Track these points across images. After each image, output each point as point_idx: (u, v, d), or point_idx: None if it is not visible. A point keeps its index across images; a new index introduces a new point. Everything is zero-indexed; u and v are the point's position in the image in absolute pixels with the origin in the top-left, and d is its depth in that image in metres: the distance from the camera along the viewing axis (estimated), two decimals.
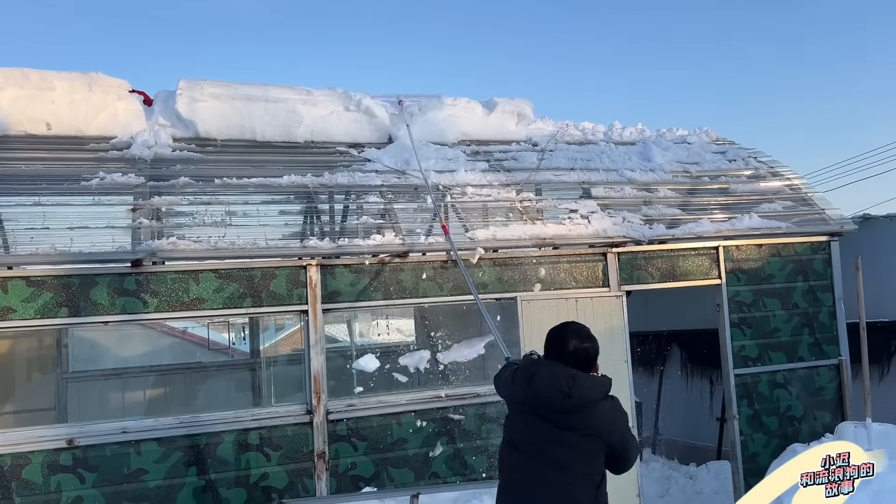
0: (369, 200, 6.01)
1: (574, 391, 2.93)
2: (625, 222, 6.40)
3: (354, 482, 5.33)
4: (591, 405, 2.96)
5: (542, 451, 3.01)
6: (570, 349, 3.02)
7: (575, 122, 8.12)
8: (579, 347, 3.03)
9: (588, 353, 3.05)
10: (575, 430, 2.96)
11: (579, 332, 3.09)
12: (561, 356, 3.02)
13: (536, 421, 3.02)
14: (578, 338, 3.06)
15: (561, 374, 2.97)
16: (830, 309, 7.00)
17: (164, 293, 5.09)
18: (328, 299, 5.45)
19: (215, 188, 5.70)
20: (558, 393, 2.94)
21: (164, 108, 6.41)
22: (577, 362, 3.01)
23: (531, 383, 3.04)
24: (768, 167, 7.71)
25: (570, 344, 3.03)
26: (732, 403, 6.59)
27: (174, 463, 4.94)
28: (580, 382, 2.95)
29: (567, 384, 2.93)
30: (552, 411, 2.97)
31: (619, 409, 3.07)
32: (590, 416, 2.96)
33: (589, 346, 3.06)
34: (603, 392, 3.01)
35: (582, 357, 3.03)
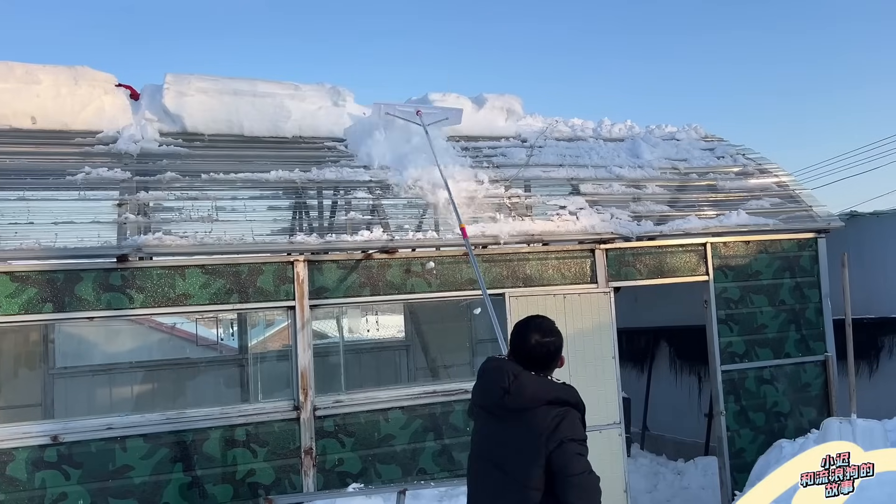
0: (357, 196, 6.00)
1: (513, 388, 2.86)
2: (613, 219, 6.41)
3: (342, 478, 5.32)
4: (533, 407, 2.82)
5: (487, 449, 2.97)
6: (531, 343, 2.95)
7: (564, 119, 8.11)
8: (541, 342, 2.96)
9: (549, 347, 2.97)
10: (515, 430, 2.86)
11: (541, 327, 3.01)
12: (522, 350, 2.96)
13: (487, 417, 2.99)
14: (540, 332, 2.99)
15: (505, 370, 2.93)
16: (817, 305, 7.03)
17: (150, 289, 5.06)
18: (315, 295, 5.44)
19: (202, 183, 5.67)
20: (499, 389, 2.89)
21: (150, 102, 6.37)
22: (539, 356, 2.95)
23: (481, 379, 3.04)
24: (756, 164, 7.74)
25: (532, 338, 2.96)
26: (719, 399, 6.62)
27: (160, 459, 4.92)
28: (521, 380, 2.87)
29: (507, 380, 2.88)
30: (497, 408, 2.92)
31: (568, 421, 2.81)
32: (530, 418, 2.82)
33: (550, 340, 2.98)
34: (550, 396, 2.85)
35: (543, 352, 2.95)
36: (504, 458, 2.86)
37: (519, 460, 2.81)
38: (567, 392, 2.91)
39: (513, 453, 2.84)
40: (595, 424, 6.03)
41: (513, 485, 2.82)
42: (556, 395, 2.87)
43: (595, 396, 6.11)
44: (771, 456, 6.13)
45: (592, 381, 6.12)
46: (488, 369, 3.03)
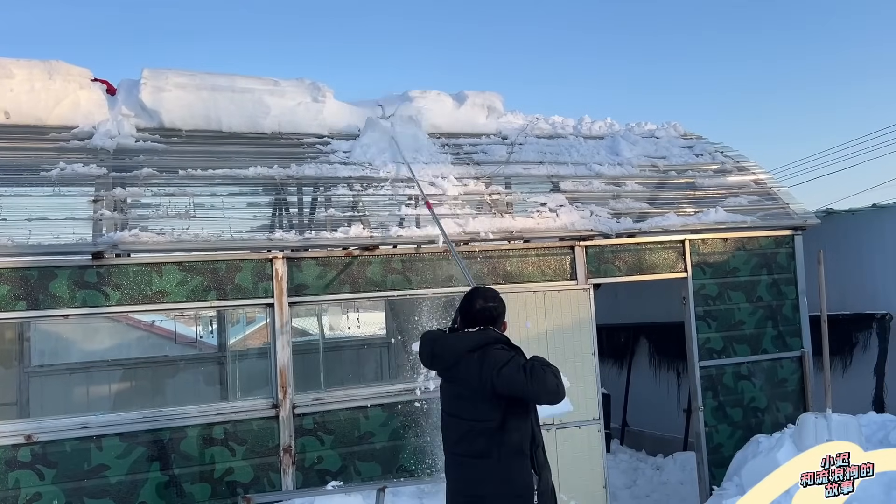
0: (337, 193, 5.96)
1: (436, 350, 3.40)
2: (593, 216, 6.43)
3: (321, 476, 5.30)
4: (460, 358, 3.28)
5: (446, 404, 3.45)
6: (476, 308, 3.39)
7: (545, 116, 8.13)
8: (484, 307, 3.38)
9: (492, 312, 3.39)
10: (456, 382, 3.32)
11: (485, 294, 3.46)
12: (469, 313, 3.40)
13: (442, 382, 3.49)
14: (484, 298, 3.42)
15: (429, 337, 3.49)
16: (793, 302, 7.11)
17: (127, 286, 5.01)
18: (295, 292, 5.41)
19: (180, 179, 5.61)
20: (427, 356, 3.46)
21: (127, 97, 6.29)
22: (483, 319, 3.38)
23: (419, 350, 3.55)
24: (734, 162, 7.80)
25: (477, 304, 3.39)
26: (698, 395, 6.68)
27: (136, 458, 4.87)
28: (442, 342, 3.41)
29: (431, 346, 3.44)
30: (438, 371, 3.46)
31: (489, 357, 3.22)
32: (463, 369, 3.27)
33: (493, 305, 3.41)
34: (469, 345, 3.28)
35: (487, 315, 3.38)
36: (459, 409, 3.33)
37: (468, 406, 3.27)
38: (482, 335, 3.33)
39: (464, 402, 3.29)
40: (575, 420, 6.08)
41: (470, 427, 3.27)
42: (474, 342, 3.29)
43: (575, 393, 6.12)
44: (748, 451, 6.19)
45: (572, 378, 6.08)
46: (421, 342, 3.55)
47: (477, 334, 3.33)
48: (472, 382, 3.22)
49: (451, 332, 3.43)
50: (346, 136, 6.71)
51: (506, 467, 3.22)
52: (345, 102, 6.95)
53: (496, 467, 3.22)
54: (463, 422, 3.30)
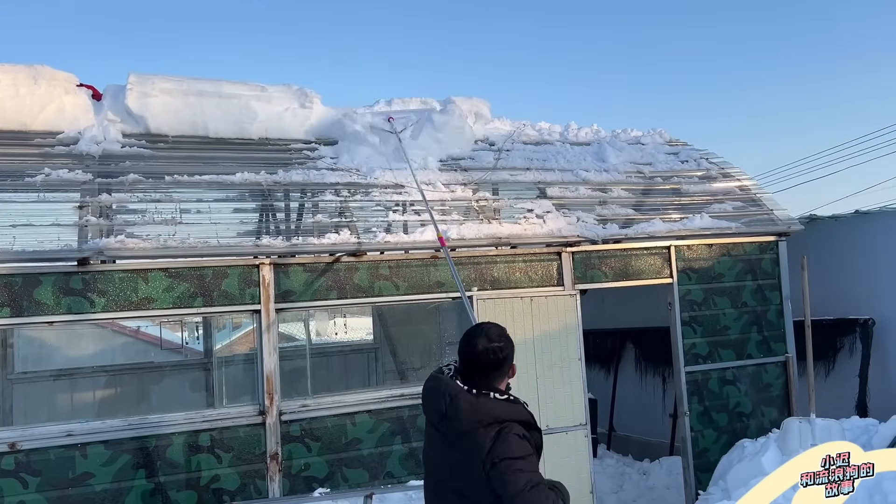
0: (325, 198, 5.97)
1: (449, 412, 2.67)
2: (579, 222, 6.47)
3: (308, 483, 5.28)
4: (470, 431, 2.65)
5: (436, 466, 2.84)
6: (479, 349, 2.76)
7: (532, 122, 8.17)
8: (488, 347, 2.76)
9: (497, 354, 2.78)
10: (457, 451, 2.70)
11: (489, 333, 2.83)
12: (470, 356, 2.78)
13: (434, 432, 2.82)
14: (488, 338, 2.79)
15: (443, 390, 2.73)
16: (778, 307, 7.17)
17: (112, 293, 4.98)
18: (281, 299, 5.40)
19: (166, 185, 5.60)
20: (436, 412, 2.73)
21: (113, 102, 6.26)
22: (487, 363, 2.76)
23: (424, 397, 2.86)
24: (719, 168, 7.87)
25: (479, 344, 2.77)
26: (683, 400, 6.72)
27: (122, 466, 4.83)
28: (458, 404, 2.67)
29: (444, 404, 2.69)
30: (442, 429, 2.76)
31: (501, 440, 2.62)
32: (469, 442, 2.65)
33: (499, 346, 2.79)
34: (489, 418, 2.65)
35: (491, 358, 2.77)
36: (450, 478, 2.74)
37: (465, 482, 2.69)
38: (507, 409, 2.71)
39: (458, 475, 2.70)
40: (561, 426, 6.10)
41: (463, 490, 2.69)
42: (496, 415, 2.67)
43: (561, 398, 6.17)
44: (733, 455, 6.22)
45: (559, 383, 6.18)
46: (428, 388, 2.84)
47: (498, 406, 2.70)
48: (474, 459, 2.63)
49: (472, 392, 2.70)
50: (334, 142, 6.71)
51: None
52: (332, 108, 6.95)
53: None
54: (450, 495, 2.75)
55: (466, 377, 2.77)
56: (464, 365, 2.81)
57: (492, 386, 2.75)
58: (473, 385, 2.73)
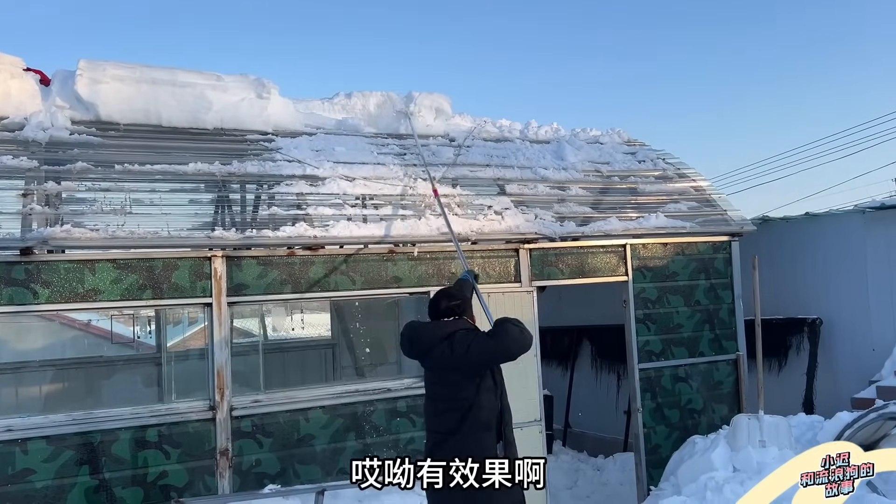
0: (281, 191, 5.87)
1: (414, 338, 3.84)
2: (537, 219, 6.49)
3: (259, 479, 5.20)
4: (434, 345, 3.69)
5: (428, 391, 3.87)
6: (441, 308, 3.86)
7: (492, 119, 8.18)
8: (448, 306, 3.85)
9: (455, 310, 3.85)
10: (433, 367, 3.77)
11: (448, 294, 3.97)
12: (435, 314, 3.86)
13: (424, 369, 3.93)
14: (447, 297, 3.90)
15: (409, 327, 3.94)
16: (730, 306, 7.30)
17: (57, 283, 4.83)
18: (234, 292, 5.30)
19: (116, 174, 5.45)
20: (406, 342, 3.89)
21: (62, 88, 6.07)
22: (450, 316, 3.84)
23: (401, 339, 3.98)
24: (675, 169, 7.98)
25: (441, 304, 3.86)
26: (637, 397, 6.80)
27: (64, 462, 4.69)
28: (418, 330, 3.87)
29: (408, 332, 3.89)
30: (417, 358, 3.91)
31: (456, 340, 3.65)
32: (436, 354, 3.68)
33: (456, 303, 3.87)
34: (444, 332, 3.71)
35: (451, 314, 3.83)
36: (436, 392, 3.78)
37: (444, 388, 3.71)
38: (457, 324, 3.78)
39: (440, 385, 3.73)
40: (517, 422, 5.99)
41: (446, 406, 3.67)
42: (445, 331, 3.73)
43: (517, 394, 6.13)
44: (684, 451, 6.32)
45: (515, 379, 6.13)
46: (402, 332, 3.95)
47: (451, 323, 3.77)
48: (445, 365, 3.66)
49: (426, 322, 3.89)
50: (291, 134, 6.61)
51: (470, 441, 3.57)
52: (290, 99, 6.85)
53: (461, 442, 3.56)
54: (439, 402, 3.71)
55: None
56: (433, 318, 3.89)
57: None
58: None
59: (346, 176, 6.15)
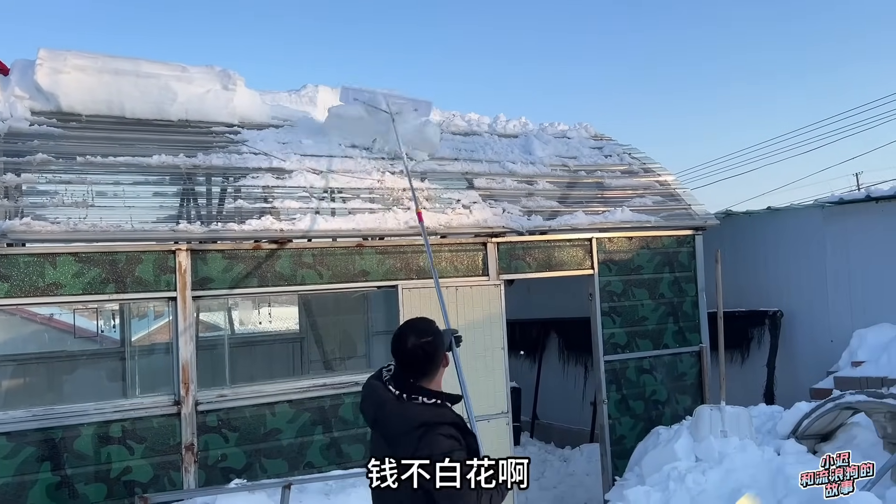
0: (247, 184, 5.82)
1: (379, 418, 2.76)
2: (505, 213, 6.52)
3: (225, 474, 5.17)
4: (398, 436, 2.68)
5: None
6: (408, 346, 2.79)
7: (461, 113, 8.19)
8: (417, 344, 2.79)
9: (425, 349, 2.80)
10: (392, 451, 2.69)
11: (416, 328, 2.87)
12: (400, 353, 2.81)
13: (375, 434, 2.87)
14: (416, 333, 2.83)
15: (374, 398, 2.80)
16: (693, 299, 7.43)
17: (16, 277, 4.74)
18: (199, 286, 5.25)
19: (78, 166, 5.35)
20: (369, 418, 2.81)
21: (21, 78, 5.94)
22: (417, 359, 2.80)
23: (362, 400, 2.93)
24: (641, 163, 8.07)
25: (408, 342, 2.80)
26: (602, 388, 6.89)
27: (25, 459, 4.62)
28: (387, 410, 2.74)
29: (374, 409, 2.77)
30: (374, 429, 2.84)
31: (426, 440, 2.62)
32: (398, 445, 2.67)
33: (426, 341, 2.81)
34: (415, 423, 2.67)
35: (420, 354, 2.79)
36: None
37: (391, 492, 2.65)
38: (433, 413, 2.72)
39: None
40: (484, 414, 6.14)
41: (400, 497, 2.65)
42: (422, 419, 2.68)
43: (485, 387, 6.23)
44: (649, 442, 6.42)
45: (483, 372, 6.23)
46: (363, 395, 2.91)
47: (425, 410, 2.71)
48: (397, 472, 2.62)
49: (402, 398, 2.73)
50: (258, 126, 6.55)
51: None
52: (256, 91, 6.78)
53: None
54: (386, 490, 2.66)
55: (400, 377, 2.79)
56: (397, 363, 2.82)
57: (422, 387, 2.77)
58: (405, 387, 2.75)
59: (314, 169, 6.11)
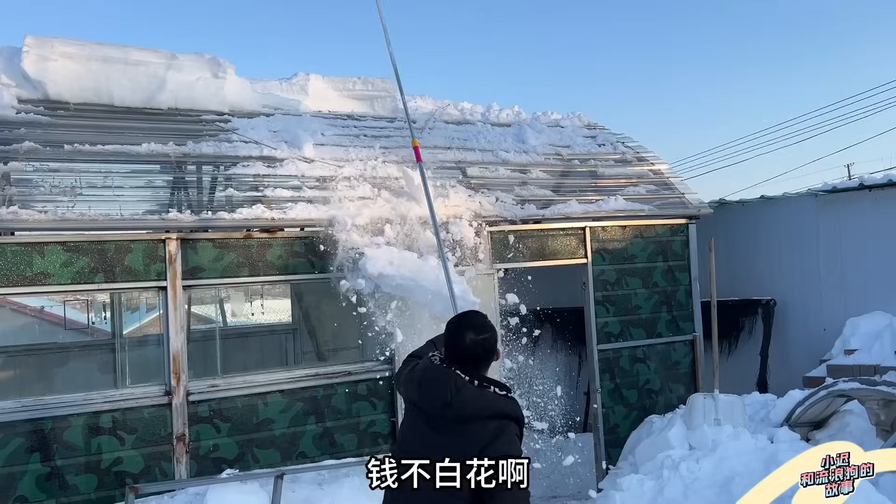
0: (237, 172, 5.76)
1: (455, 402, 2.71)
2: (498, 202, 6.49)
3: (217, 464, 5.14)
4: (472, 421, 2.69)
5: (416, 453, 2.75)
6: (466, 342, 2.80)
7: (454, 102, 8.14)
8: (475, 340, 2.80)
9: (484, 345, 2.82)
10: (450, 440, 2.70)
11: (475, 324, 2.86)
12: (458, 349, 2.80)
13: (422, 425, 2.81)
14: (475, 330, 2.83)
15: (448, 381, 2.75)
16: (687, 288, 7.42)
17: (4, 267, 4.69)
18: (189, 275, 5.20)
19: (66, 154, 5.29)
20: (440, 401, 2.73)
21: (8, 65, 5.87)
22: (476, 355, 2.80)
23: (420, 387, 2.85)
24: (635, 152, 8.04)
25: (467, 337, 2.80)
26: (595, 377, 6.88)
27: (14, 450, 4.58)
28: (464, 395, 2.70)
29: (450, 394, 2.71)
30: (435, 418, 2.76)
31: (506, 436, 2.67)
32: (468, 430, 2.68)
33: (486, 336, 2.83)
34: (491, 411, 2.70)
35: (479, 350, 2.81)
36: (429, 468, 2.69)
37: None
38: (509, 405, 2.74)
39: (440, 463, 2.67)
40: None
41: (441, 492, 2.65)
42: (499, 408, 2.72)
43: None
44: (642, 431, 6.43)
45: None
46: (429, 378, 2.83)
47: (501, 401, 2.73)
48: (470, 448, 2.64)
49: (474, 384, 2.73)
50: (249, 114, 6.49)
51: None
52: (247, 79, 6.72)
53: None
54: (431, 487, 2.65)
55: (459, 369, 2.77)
56: (451, 357, 2.81)
57: (485, 376, 2.77)
58: (472, 376, 2.75)
59: (305, 157, 6.05)
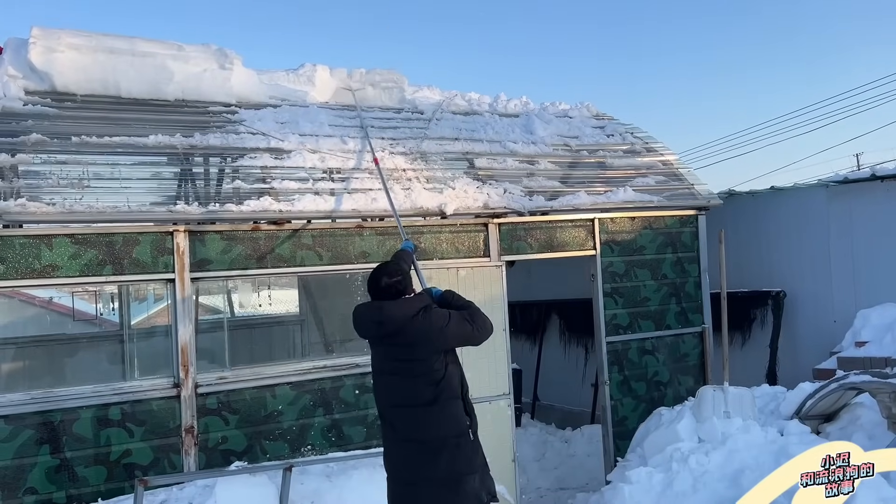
0: (245, 164, 5.74)
1: (384, 318, 3.51)
2: (506, 193, 6.45)
3: (225, 457, 5.15)
4: (406, 323, 3.48)
5: (384, 367, 3.63)
6: (382, 286, 3.59)
7: (461, 92, 8.09)
8: (389, 283, 3.59)
9: (397, 286, 3.60)
10: (402, 347, 3.51)
11: (388, 271, 3.67)
12: (377, 292, 3.60)
13: (378, 348, 3.67)
14: (387, 274, 3.62)
15: (372, 306, 3.61)
16: (696, 280, 7.37)
17: (12, 259, 4.68)
18: (197, 267, 5.20)
19: (73, 146, 5.27)
20: (373, 323, 3.57)
21: (15, 57, 5.84)
22: (391, 295, 3.57)
23: (357, 321, 3.70)
24: (643, 143, 7.98)
25: (382, 282, 3.60)
26: (604, 369, 6.85)
27: (24, 442, 4.59)
28: (387, 309, 3.52)
29: (377, 314, 3.55)
30: (380, 338, 3.60)
31: (432, 316, 3.52)
32: (410, 332, 3.49)
33: (397, 279, 3.61)
34: (414, 309, 3.52)
35: (393, 291, 3.58)
36: (400, 369, 3.55)
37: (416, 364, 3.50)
38: (425, 300, 3.63)
39: (410, 362, 3.52)
40: (485, 395, 6.12)
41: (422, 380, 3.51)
42: (418, 306, 3.56)
43: (486, 368, 6.19)
44: (651, 423, 6.40)
45: (483, 354, 6.14)
46: (360, 312, 3.70)
47: (416, 300, 3.59)
48: (420, 341, 3.49)
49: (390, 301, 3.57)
50: (256, 106, 6.46)
51: (447, 412, 3.53)
52: (254, 70, 6.69)
53: (440, 413, 3.51)
54: (407, 379, 3.53)
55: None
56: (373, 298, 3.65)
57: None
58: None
59: (312, 149, 6.03)
